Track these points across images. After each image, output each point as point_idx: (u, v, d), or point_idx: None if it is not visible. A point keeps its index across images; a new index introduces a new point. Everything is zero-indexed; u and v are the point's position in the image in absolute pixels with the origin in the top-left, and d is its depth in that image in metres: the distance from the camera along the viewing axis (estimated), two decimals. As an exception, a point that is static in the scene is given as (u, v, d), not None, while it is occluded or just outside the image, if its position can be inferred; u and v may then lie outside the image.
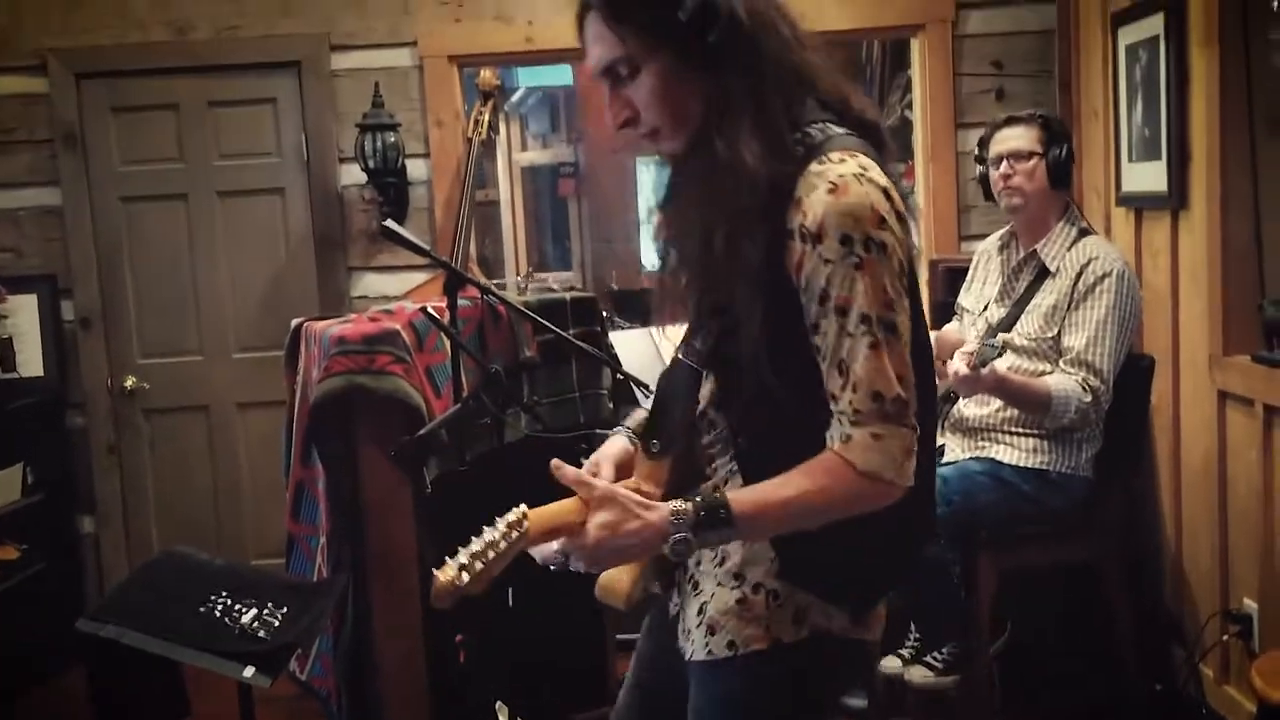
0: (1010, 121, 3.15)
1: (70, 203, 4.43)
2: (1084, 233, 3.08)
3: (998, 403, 3.02)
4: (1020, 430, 3.01)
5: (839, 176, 1.39)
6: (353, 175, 4.40)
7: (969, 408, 3.10)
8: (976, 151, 3.27)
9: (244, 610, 2.25)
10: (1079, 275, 2.97)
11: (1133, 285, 3.01)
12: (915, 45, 4.43)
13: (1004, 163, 3.09)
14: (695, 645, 1.60)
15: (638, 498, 1.46)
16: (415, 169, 4.41)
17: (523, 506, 1.45)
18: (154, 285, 4.50)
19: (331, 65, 4.39)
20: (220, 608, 2.27)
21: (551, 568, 1.54)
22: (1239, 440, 3.21)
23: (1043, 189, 3.06)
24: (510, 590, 2.88)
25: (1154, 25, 3.56)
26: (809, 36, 1.54)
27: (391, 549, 2.64)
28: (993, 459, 3.02)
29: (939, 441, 3.13)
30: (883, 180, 1.43)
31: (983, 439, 3.07)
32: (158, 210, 4.48)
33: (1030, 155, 3.06)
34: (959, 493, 2.94)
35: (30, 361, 4.43)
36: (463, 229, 4.16)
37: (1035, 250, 3.08)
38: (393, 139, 4.25)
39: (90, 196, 4.44)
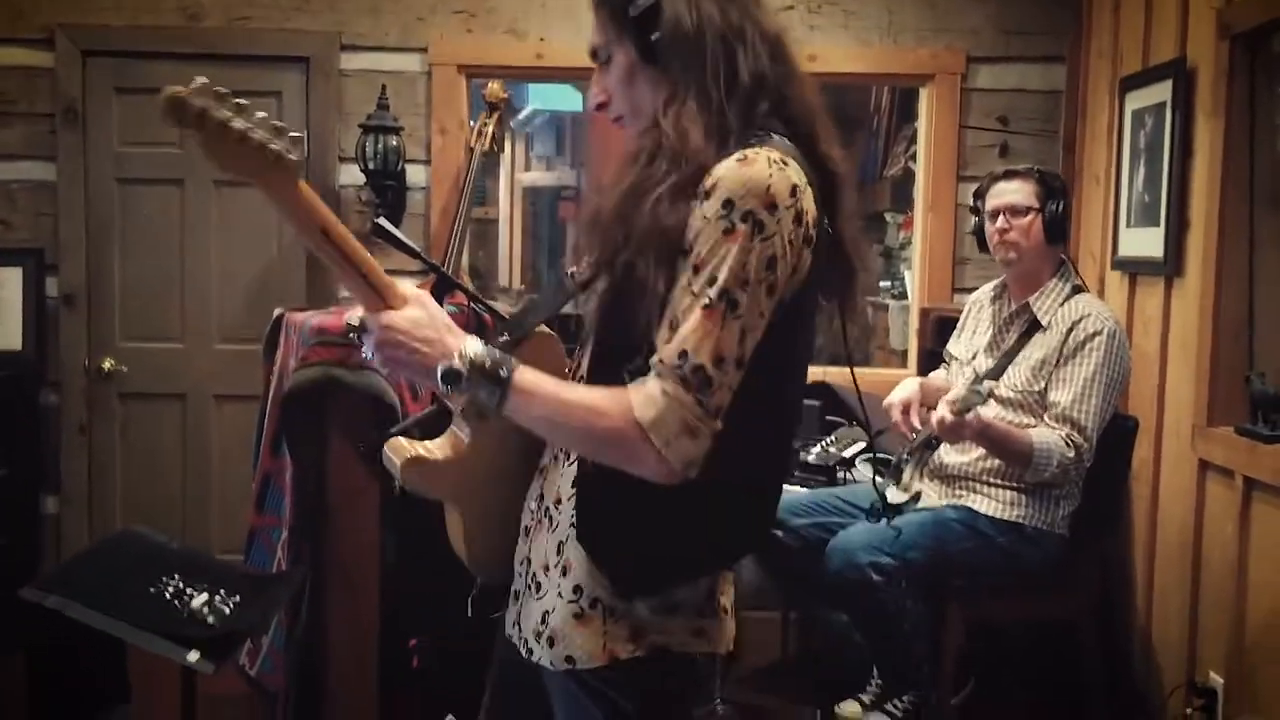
0: (1008, 175, 3.15)
1: (65, 179, 4.39)
2: (1077, 289, 3.07)
3: (978, 452, 2.99)
4: (999, 482, 2.99)
5: (754, 152, 1.43)
6: (351, 175, 4.37)
7: (949, 455, 3.07)
8: (973, 203, 3.26)
9: (195, 594, 2.20)
10: (1070, 331, 2.96)
11: (1123, 345, 2.99)
12: (924, 95, 4.44)
13: (1001, 216, 3.08)
14: (539, 651, 1.59)
15: (449, 321, 1.49)
16: (415, 174, 4.39)
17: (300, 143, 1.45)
18: (141, 268, 4.46)
19: (340, 64, 4.38)
20: (171, 589, 2.22)
21: (349, 335, 1.54)
22: (1217, 511, 3.19)
23: (1038, 244, 3.05)
24: (469, 599, 2.83)
25: (1162, 92, 3.57)
26: (794, 62, 1.59)
27: (353, 547, 2.60)
28: (969, 508, 2.99)
29: (917, 488, 3.10)
30: (797, 179, 1.44)
31: (961, 487, 3.04)
32: (153, 194, 4.44)
33: (1027, 210, 3.06)
34: (933, 539, 2.91)
35: (9, 334, 4.38)
36: (457, 237, 4.14)
37: (1028, 303, 3.06)
38: (395, 142, 4.23)
39: (86, 174, 4.41)
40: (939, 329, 3.91)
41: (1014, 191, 3.08)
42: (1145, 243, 3.66)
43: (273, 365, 2.95)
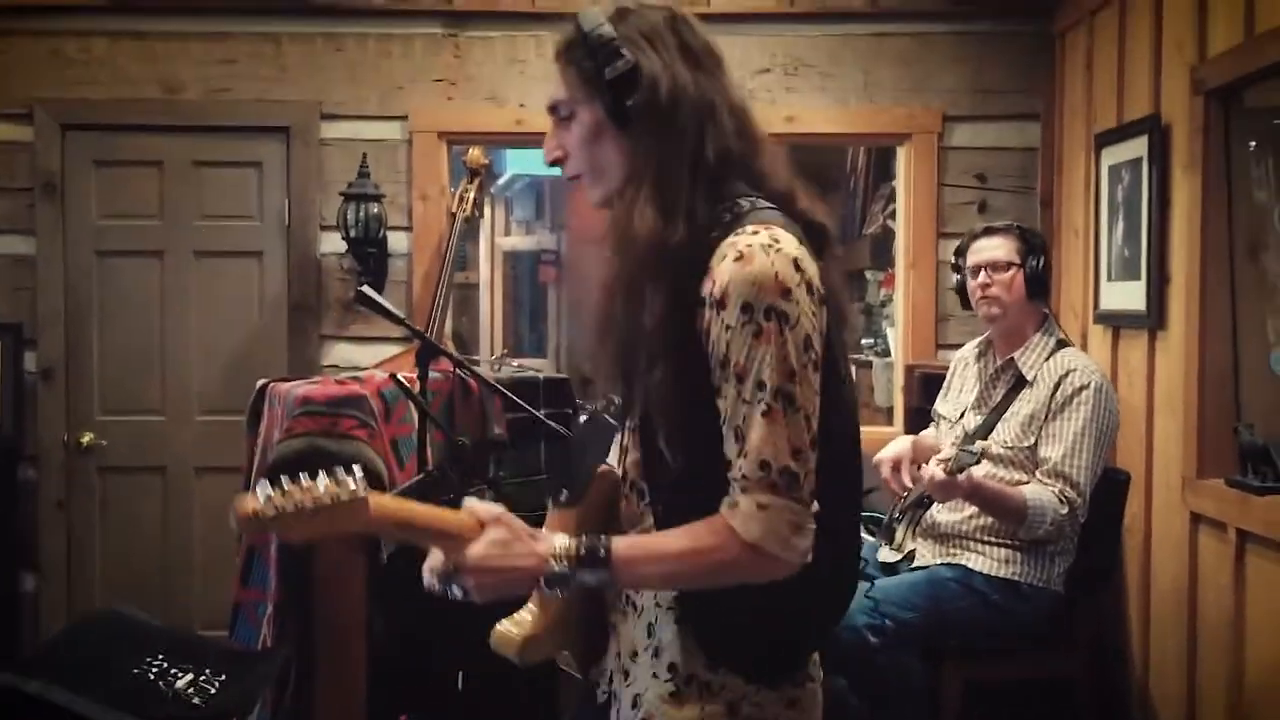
0: (988, 232, 3.16)
1: (44, 252, 4.38)
2: (1061, 344, 3.07)
3: (971, 509, 2.98)
4: (994, 540, 2.97)
5: (746, 246, 1.41)
6: (333, 243, 4.37)
7: (942, 514, 3.05)
8: (954, 260, 3.27)
9: (179, 675, 2.15)
10: (1057, 386, 2.96)
11: (1110, 398, 2.99)
12: (901, 154, 4.47)
13: (982, 272, 3.09)
14: None
15: (528, 527, 1.47)
16: (396, 241, 4.38)
17: (358, 471, 1.42)
18: (121, 341, 4.43)
19: (321, 133, 4.39)
20: (155, 671, 2.17)
21: (434, 588, 1.50)
22: (1210, 564, 3.17)
23: (1020, 299, 3.06)
24: (460, 674, 2.79)
25: (1138, 148, 3.61)
26: (759, 133, 1.57)
27: (340, 621, 2.55)
28: (964, 566, 2.97)
29: (910, 546, 3.08)
30: (794, 251, 1.43)
31: (955, 546, 3.02)
32: (132, 266, 4.43)
33: (1009, 265, 3.07)
34: (928, 599, 2.89)
35: (-13, 411, 4.34)
36: (440, 303, 4.13)
37: (1013, 359, 3.07)
38: (376, 210, 4.23)
39: (65, 248, 4.39)
40: (924, 386, 3.91)
41: (995, 248, 3.10)
42: (1127, 296, 3.68)
43: (256, 437, 2.91)
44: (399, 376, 2.56)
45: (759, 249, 1.41)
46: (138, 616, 2.45)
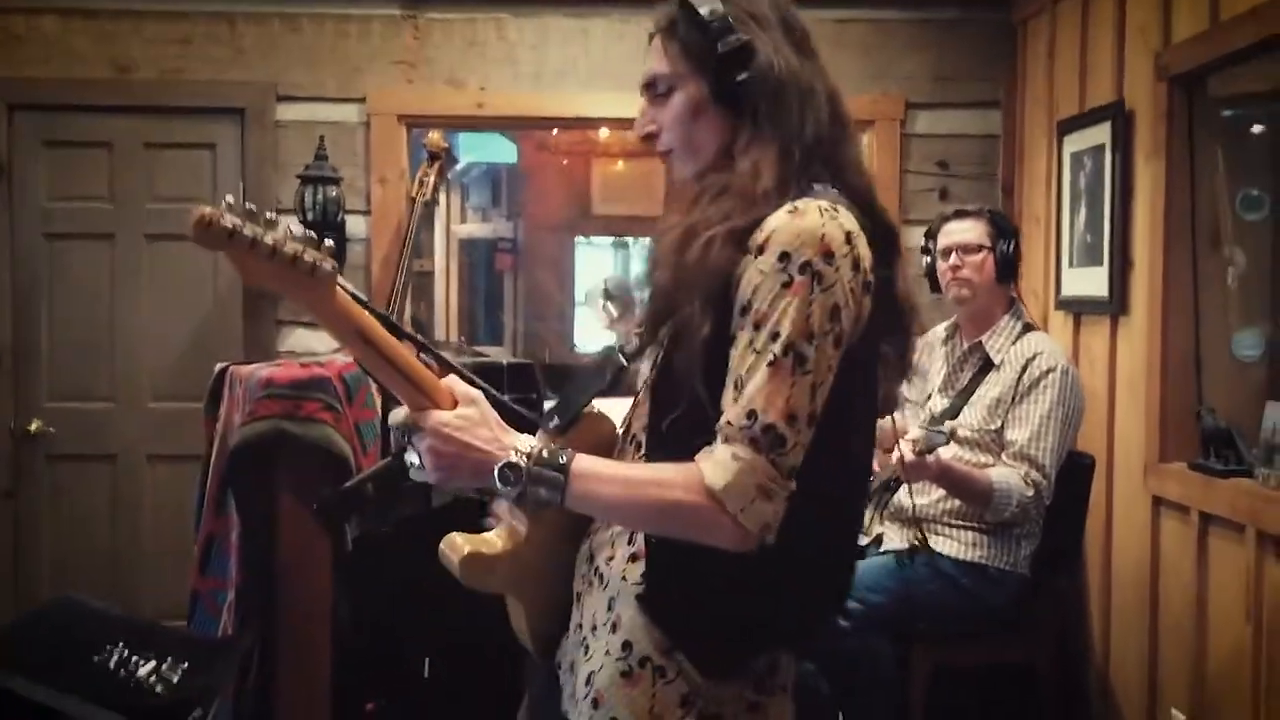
0: (959, 215, 3.16)
1: (-9, 236, 4.27)
2: (1028, 328, 3.08)
3: (938, 493, 2.98)
4: (960, 523, 2.97)
5: (804, 203, 1.40)
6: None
7: (908, 498, 3.05)
8: (923, 243, 3.27)
9: (140, 663, 2.09)
10: (1024, 369, 2.96)
11: (1076, 382, 3.00)
12: (865, 140, 4.46)
13: (953, 254, 3.09)
14: (581, 712, 1.52)
15: (500, 419, 1.44)
16: (355, 225, 4.31)
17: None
18: (71, 326, 4.32)
19: (277, 115, 4.31)
20: (115, 659, 2.11)
21: (397, 453, 1.48)
22: (1172, 548, 3.20)
23: (990, 282, 3.06)
24: (426, 660, 2.75)
25: (1100, 134, 3.62)
26: (849, 120, 1.57)
27: (304, 607, 2.50)
28: (932, 550, 2.96)
29: (877, 530, 3.08)
30: (851, 226, 1.41)
31: (921, 529, 3.01)
32: (82, 249, 4.32)
33: (979, 248, 3.07)
34: (897, 581, 2.88)
35: (-70, 397, 4.22)
36: (399, 288, 4.08)
37: (980, 342, 3.07)
38: (334, 193, 4.16)
39: (11, 230, 4.28)
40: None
41: (966, 230, 3.10)
42: (1089, 282, 3.69)
43: (215, 420, 2.85)
44: (363, 360, 2.52)
45: (815, 209, 1.39)
46: (94, 604, 2.39)
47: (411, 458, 1.44)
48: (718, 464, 1.34)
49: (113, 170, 4.32)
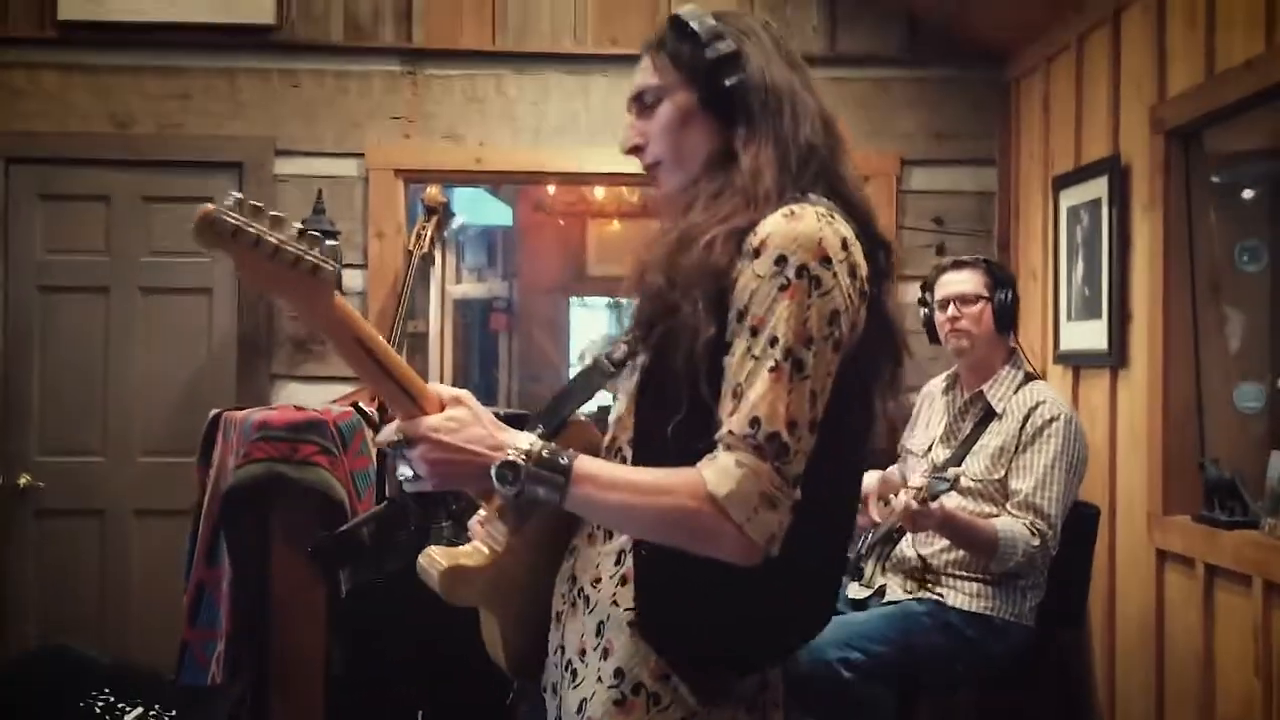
0: (956, 265, 3.16)
1: (-16, 288, 4.25)
2: (1030, 377, 3.06)
3: (942, 543, 2.94)
4: (965, 574, 2.93)
5: (801, 208, 1.39)
6: (285, 281, 4.26)
7: (911, 548, 3.01)
8: (920, 295, 3.26)
9: (127, 710, 2.04)
10: (1026, 418, 2.94)
11: (1080, 431, 2.98)
12: (860, 196, 4.48)
13: (951, 305, 3.08)
14: None
15: (493, 417, 1.41)
16: (351, 279, 4.30)
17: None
18: (63, 380, 4.28)
19: (275, 169, 4.32)
20: (101, 705, 2.05)
21: (386, 456, 1.44)
22: (1177, 601, 3.15)
23: (989, 332, 3.05)
24: (420, 713, 2.68)
25: (1097, 188, 3.64)
26: (843, 139, 1.56)
27: (297, 655, 2.44)
28: (936, 600, 2.92)
29: (879, 582, 3.03)
30: (846, 233, 1.40)
31: (927, 580, 2.97)
32: (76, 302, 4.30)
33: (977, 299, 3.06)
34: (900, 632, 2.83)
35: (-82, 452, 4.17)
36: (395, 341, 4.05)
37: (981, 391, 3.05)
38: (332, 244, 4.14)
39: (6, 283, 4.26)
40: (888, 428, 3.87)
41: (963, 281, 3.09)
42: (1087, 336, 3.69)
43: (208, 469, 2.80)
44: (360, 404, 2.49)
45: (811, 213, 1.39)
46: (82, 650, 2.33)
47: (404, 470, 1.41)
48: (721, 470, 1.31)
49: (109, 223, 4.31)
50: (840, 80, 4.33)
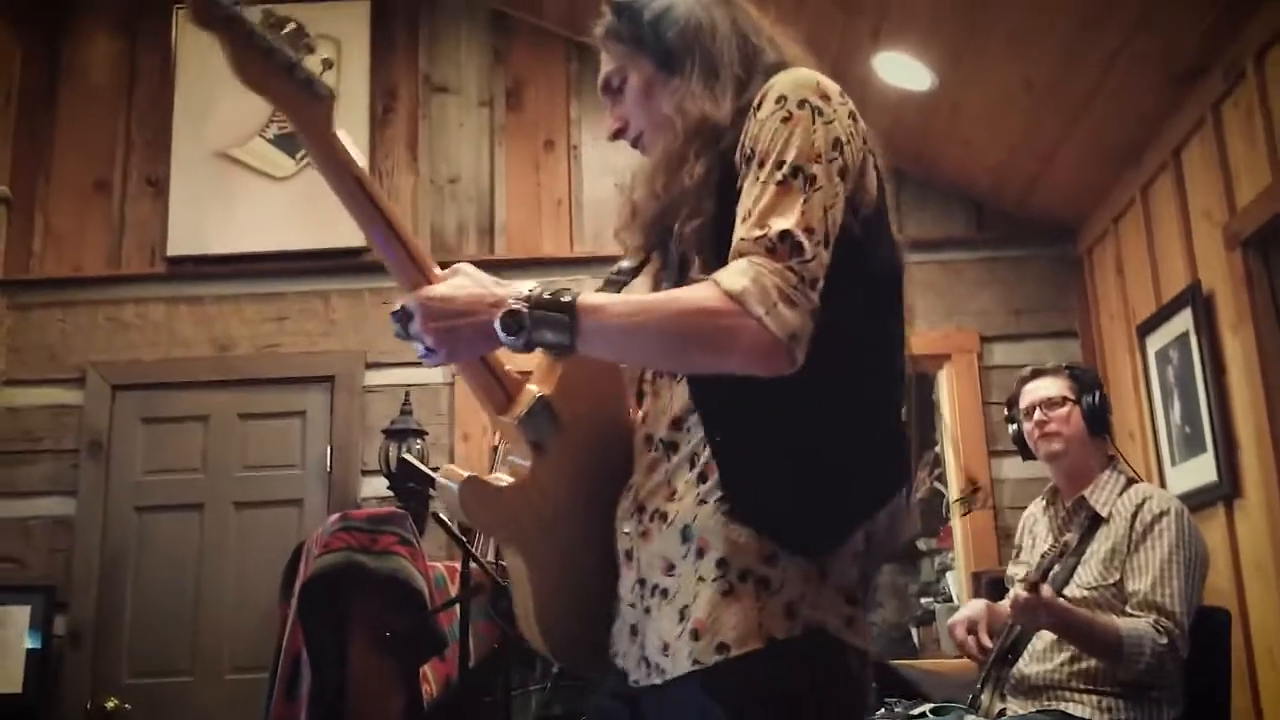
0: (1036, 374, 3.08)
1: (84, 512, 4.35)
2: (1132, 481, 2.91)
3: (1062, 657, 2.71)
4: (1090, 687, 2.68)
5: (796, 68, 1.45)
6: (374, 488, 4.31)
7: (1031, 665, 2.77)
8: (1006, 412, 3.17)
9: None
10: (1135, 516, 2.77)
11: (1193, 526, 2.78)
12: (943, 377, 4.46)
13: (1037, 411, 2.98)
14: (676, 659, 1.36)
15: (496, 279, 1.39)
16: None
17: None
18: (155, 599, 4.30)
19: (365, 380, 4.45)
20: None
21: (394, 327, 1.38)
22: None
23: (1080, 434, 2.92)
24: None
25: (1182, 323, 3.59)
26: (795, 54, 1.58)
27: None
28: (1063, 712, 2.66)
29: (999, 708, 2.79)
30: (839, 88, 1.43)
31: (1049, 698, 2.72)
32: (171, 520, 4.38)
33: (1064, 401, 2.96)
34: (1030, 744, 2.58)
35: (10, 677, 4.14)
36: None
37: (1083, 497, 2.89)
38: (419, 445, 4.21)
39: (105, 506, 4.36)
40: (992, 593, 3.69)
41: (1046, 386, 3.00)
42: (1195, 473, 3.54)
43: (289, 602, 2.75)
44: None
45: (807, 70, 1.43)
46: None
47: (418, 346, 1.37)
48: (735, 270, 1.28)
49: (206, 441, 4.43)
50: (912, 264, 4.39)
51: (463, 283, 1.37)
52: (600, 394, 1.55)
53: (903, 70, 3.90)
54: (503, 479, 1.47)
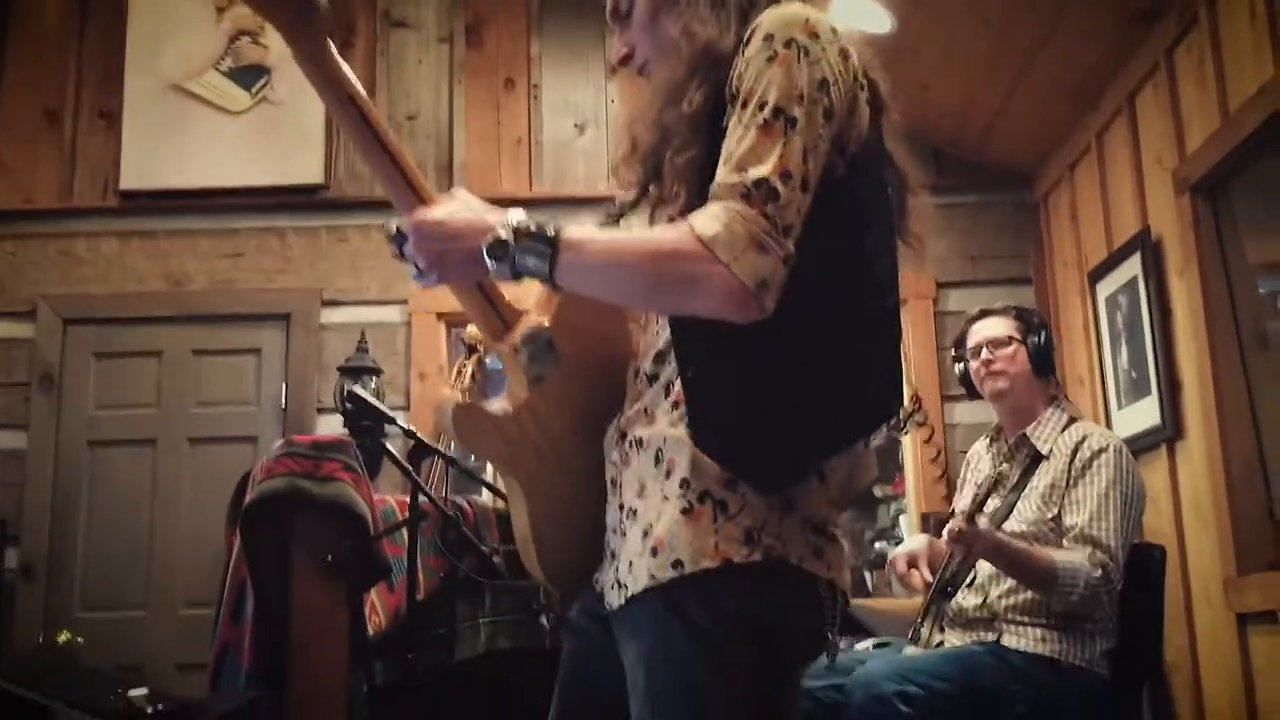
0: (983, 314, 3.10)
1: (35, 446, 4.32)
2: (1073, 420, 2.95)
3: (999, 589, 2.76)
4: (1026, 619, 2.73)
5: (789, 4, 1.41)
6: (330, 425, 4.30)
7: (968, 598, 2.82)
8: (954, 351, 3.20)
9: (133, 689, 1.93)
10: (1074, 452, 2.81)
11: (1132, 462, 2.83)
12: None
13: (984, 350, 3.01)
14: (637, 576, 1.39)
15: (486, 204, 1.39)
16: (393, 418, 4.32)
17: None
18: (108, 533, 4.29)
19: (321, 319, 4.43)
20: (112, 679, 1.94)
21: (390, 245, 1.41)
22: (1265, 662, 2.92)
23: (1025, 373, 2.96)
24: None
25: (1131, 268, 3.63)
26: None
27: (318, 686, 2.31)
28: (998, 643, 2.71)
29: (937, 639, 2.84)
30: (833, 25, 1.41)
31: (985, 629, 2.77)
32: (124, 455, 4.36)
33: (1009, 340, 2.99)
34: (961, 670, 2.62)
35: (-43, 613, 4.14)
36: (436, 474, 4.02)
37: (1025, 434, 2.93)
38: (374, 384, 4.20)
39: (57, 440, 4.34)
40: (938, 532, 3.73)
41: (992, 326, 3.03)
42: (1139, 416, 3.59)
43: (235, 529, 2.75)
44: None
45: (800, 5, 1.40)
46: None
47: (411, 268, 1.39)
48: (708, 215, 1.29)
49: (160, 377, 4.41)
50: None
51: (457, 208, 1.39)
52: (603, 332, 1.55)
53: (863, 12, 3.89)
54: (497, 405, 1.48)
